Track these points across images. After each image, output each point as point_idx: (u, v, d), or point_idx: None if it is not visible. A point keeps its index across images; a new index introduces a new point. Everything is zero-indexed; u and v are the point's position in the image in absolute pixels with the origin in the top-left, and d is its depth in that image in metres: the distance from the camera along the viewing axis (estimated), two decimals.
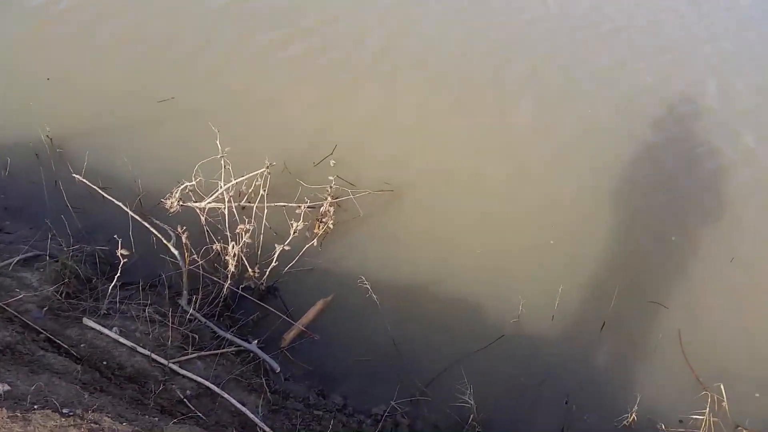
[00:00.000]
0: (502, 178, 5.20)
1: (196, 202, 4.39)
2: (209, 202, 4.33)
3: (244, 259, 3.91)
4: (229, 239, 4.02)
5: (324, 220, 4.35)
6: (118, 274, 3.42)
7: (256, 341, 3.75)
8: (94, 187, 4.36)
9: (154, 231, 4.06)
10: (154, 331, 3.43)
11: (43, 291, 3.56)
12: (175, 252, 3.99)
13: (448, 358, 3.95)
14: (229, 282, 3.95)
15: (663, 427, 3.65)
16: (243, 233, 3.66)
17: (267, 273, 4.04)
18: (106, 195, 4.30)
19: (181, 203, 4.25)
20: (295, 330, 3.99)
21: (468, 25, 6.85)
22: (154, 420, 2.70)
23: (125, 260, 3.22)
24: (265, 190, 4.32)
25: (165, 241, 4.03)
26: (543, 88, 6.10)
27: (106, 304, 3.60)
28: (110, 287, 3.52)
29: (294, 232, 3.85)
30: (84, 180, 4.38)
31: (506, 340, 4.03)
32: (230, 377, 3.37)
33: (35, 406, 2.40)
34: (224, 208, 4.24)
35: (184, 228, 3.74)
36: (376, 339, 4.02)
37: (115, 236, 4.31)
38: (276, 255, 3.90)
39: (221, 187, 4.29)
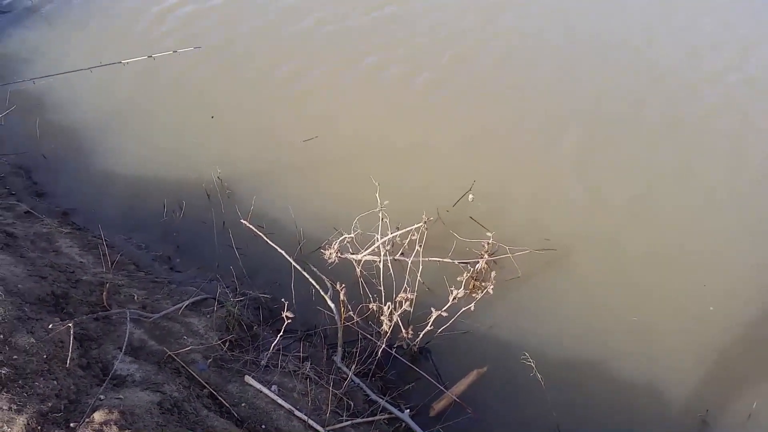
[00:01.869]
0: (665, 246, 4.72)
1: (353, 253, 4.34)
2: (365, 255, 4.27)
3: (399, 321, 3.76)
4: (383, 296, 3.93)
5: (482, 282, 4.10)
6: (281, 334, 3.41)
7: (408, 410, 3.58)
8: (259, 233, 4.47)
9: (314, 282, 4.06)
10: (311, 392, 3.38)
11: (208, 339, 3.67)
12: (332, 305, 3.96)
13: None
14: (382, 341, 3.83)
15: None
16: (403, 301, 3.52)
17: (421, 335, 3.87)
18: (270, 242, 4.39)
19: (338, 255, 4.23)
20: (446, 399, 3.78)
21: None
22: None
23: (289, 321, 3.20)
24: (420, 246, 4.17)
25: (323, 293, 4.03)
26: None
27: (266, 357, 3.62)
28: (272, 346, 3.54)
29: (453, 299, 3.64)
30: (250, 225, 4.52)
31: None
32: None
33: None
34: (379, 261, 4.16)
35: (343, 285, 3.68)
36: (537, 421, 3.69)
37: (277, 283, 4.49)
38: (432, 320, 3.71)
39: (377, 240, 4.21)
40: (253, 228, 4.52)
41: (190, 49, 5.49)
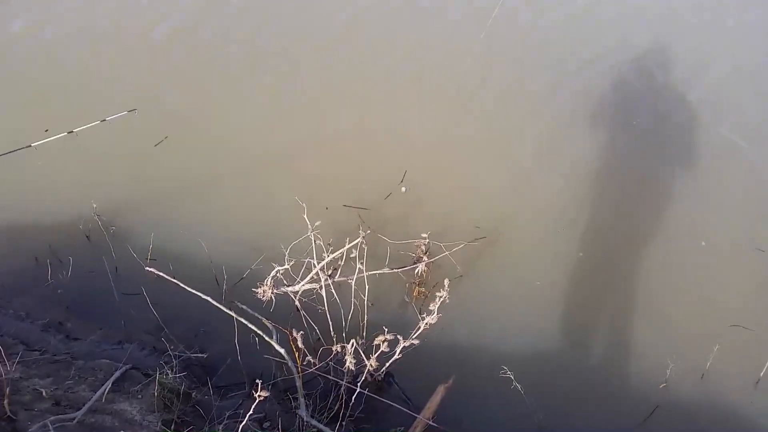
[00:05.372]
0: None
1: (288, 284, 3.89)
2: (304, 284, 3.84)
3: (365, 358, 3.44)
4: (330, 325, 3.61)
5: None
6: (250, 413, 2.91)
7: None
8: (172, 279, 3.80)
9: (257, 330, 3.55)
10: None
11: (150, 427, 3.10)
12: (281, 350, 3.51)
13: None
14: (346, 379, 3.50)
15: None
16: (381, 344, 3.20)
17: (387, 365, 3.59)
18: (187, 288, 3.72)
19: (274, 291, 3.76)
20: (420, 425, 3.56)
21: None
22: None
23: (261, 400, 2.73)
24: (362, 262, 3.82)
25: (268, 339, 3.55)
26: None
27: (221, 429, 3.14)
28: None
29: (426, 325, 3.39)
30: (159, 272, 3.82)
31: (662, 410, 3.63)
32: None
33: None
34: (320, 288, 3.77)
35: (301, 332, 3.28)
36: (516, 422, 3.62)
37: (202, 331, 3.97)
38: (400, 348, 3.44)
39: (314, 266, 3.80)
40: (163, 275, 3.83)
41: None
